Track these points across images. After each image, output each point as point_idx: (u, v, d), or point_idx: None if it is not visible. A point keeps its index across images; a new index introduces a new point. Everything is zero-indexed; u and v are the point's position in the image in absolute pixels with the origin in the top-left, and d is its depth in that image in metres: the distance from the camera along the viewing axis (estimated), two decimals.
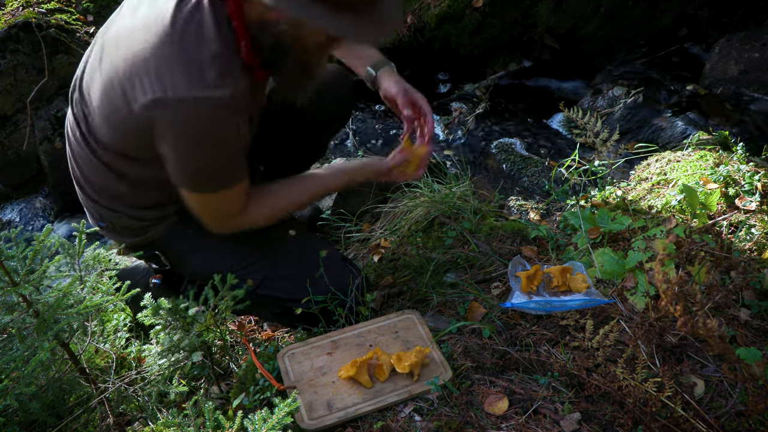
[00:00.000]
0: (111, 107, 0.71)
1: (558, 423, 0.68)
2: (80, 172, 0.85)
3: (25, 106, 1.73)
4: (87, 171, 0.83)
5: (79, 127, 0.79)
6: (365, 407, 0.72)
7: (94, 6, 1.97)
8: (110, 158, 0.77)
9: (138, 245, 0.90)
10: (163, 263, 0.92)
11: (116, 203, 0.84)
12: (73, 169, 0.87)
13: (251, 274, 0.89)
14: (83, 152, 0.80)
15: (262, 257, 0.90)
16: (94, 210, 0.87)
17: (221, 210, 0.80)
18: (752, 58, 1.89)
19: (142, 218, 0.86)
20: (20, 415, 0.70)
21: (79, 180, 0.86)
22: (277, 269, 0.90)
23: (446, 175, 1.33)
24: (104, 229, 0.89)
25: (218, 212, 0.80)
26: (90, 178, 0.84)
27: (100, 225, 0.88)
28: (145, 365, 0.79)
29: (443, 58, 2.17)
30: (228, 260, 0.90)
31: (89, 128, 0.77)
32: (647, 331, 0.73)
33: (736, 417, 0.67)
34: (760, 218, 0.98)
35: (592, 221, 1.05)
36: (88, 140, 0.78)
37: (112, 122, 0.72)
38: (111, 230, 0.89)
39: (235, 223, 0.82)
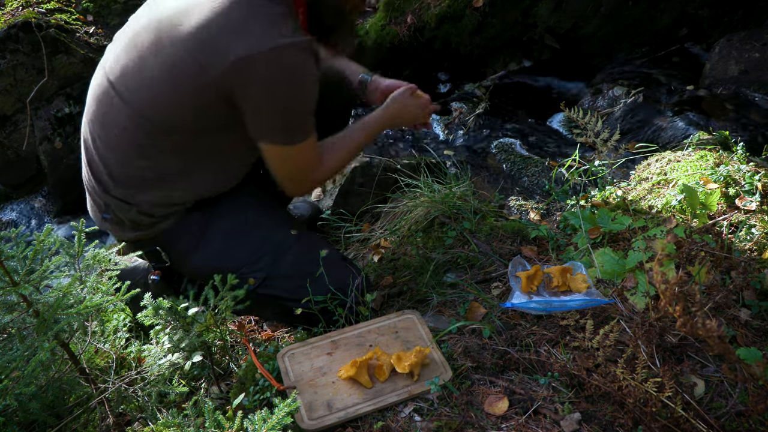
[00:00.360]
0: (178, 83, 0.75)
1: (558, 423, 0.68)
2: (103, 160, 0.84)
3: (25, 106, 1.73)
4: (115, 159, 0.83)
5: (115, 115, 0.80)
6: (365, 407, 0.72)
7: (94, 6, 1.97)
8: (160, 139, 0.79)
9: (140, 240, 0.89)
10: (163, 260, 0.91)
11: (137, 192, 0.84)
12: (91, 159, 0.86)
13: (252, 273, 0.90)
14: (119, 138, 0.81)
15: (264, 256, 0.90)
16: (102, 201, 0.87)
17: (303, 164, 0.85)
18: (752, 58, 1.89)
19: (152, 214, 0.86)
20: (20, 415, 0.70)
21: (98, 169, 0.85)
22: (279, 269, 0.90)
23: (446, 175, 1.33)
24: (107, 221, 0.88)
25: (301, 167, 0.85)
26: (114, 166, 0.84)
27: (105, 217, 0.87)
28: (145, 365, 0.79)
29: (443, 58, 2.17)
30: (230, 259, 0.90)
31: (136, 112, 0.79)
32: (647, 332, 0.73)
33: (736, 417, 0.67)
34: (761, 218, 0.98)
35: (593, 221, 1.05)
36: (130, 125, 0.79)
37: (178, 98, 0.76)
38: (115, 223, 0.88)
39: (314, 177, 0.88)
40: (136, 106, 0.79)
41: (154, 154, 0.82)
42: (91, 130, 0.86)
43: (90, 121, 0.86)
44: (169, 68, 0.75)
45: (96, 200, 0.89)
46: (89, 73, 1.81)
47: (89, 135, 0.87)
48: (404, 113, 0.98)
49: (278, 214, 0.98)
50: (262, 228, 0.92)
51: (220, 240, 0.89)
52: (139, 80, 0.78)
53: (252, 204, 0.93)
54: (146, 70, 0.77)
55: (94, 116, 0.85)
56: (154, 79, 0.77)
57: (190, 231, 0.89)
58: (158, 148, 0.82)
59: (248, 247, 0.90)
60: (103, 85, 0.83)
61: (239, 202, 0.92)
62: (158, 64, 0.76)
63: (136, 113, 0.80)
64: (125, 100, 0.80)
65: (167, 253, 0.91)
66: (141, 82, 0.78)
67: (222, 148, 0.85)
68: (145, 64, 0.78)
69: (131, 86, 0.79)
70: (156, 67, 0.76)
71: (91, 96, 0.86)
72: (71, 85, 1.77)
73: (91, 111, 0.86)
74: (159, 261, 0.92)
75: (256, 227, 0.92)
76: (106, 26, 1.96)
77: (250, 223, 0.92)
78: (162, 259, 0.91)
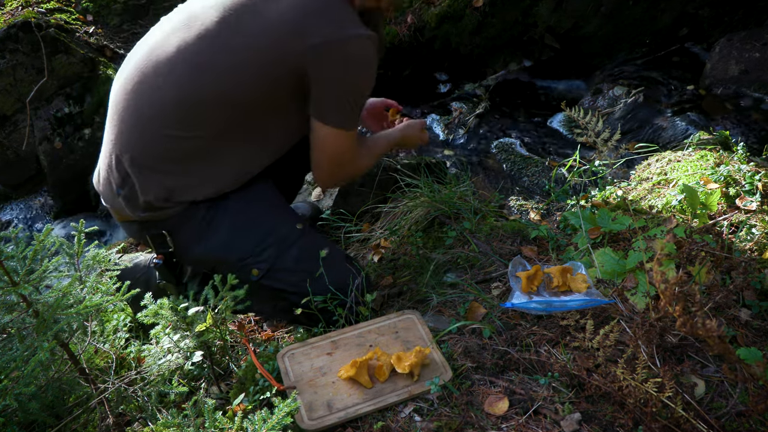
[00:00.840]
0: (255, 56, 0.81)
1: (558, 423, 0.68)
2: (138, 132, 0.85)
3: (25, 106, 1.73)
4: (153, 133, 0.84)
5: (165, 88, 0.83)
6: (365, 407, 0.72)
7: (94, 6, 1.97)
8: (211, 112, 0.83)
9: (147, 221, 0.89)
10: (167, 245, 0.91)
11: (166, 170, 0.85)
12: (124, 129, 0.86)
13: (257, 264, 0.90)
14: (165, 112, 0.83)
15: (269, 248, 0.90)
16: (122, 175, 0.86)
17: (347, 151, 0.91)
18: (753, 58, 1.89)
19: (168, 198, 0.86)
20: (19, 416, 0.70)
21: (127, 144, 0.85)
22: (283, 261, 0.91)
23: (446, 175, 1.33)
24: (120, 197, 0.88)
25: (344, 154, 0.91)
26: (150, 140, 0.84)
27: (119, 192, 0.87)
28: (144, 365, 0.78)
29: (443, 58, 2.17)
30: (235, 248, 0.90)
31: (198, 84, 0.82)
32: (648, 332, 0.73)
33: (736, 417, 0.67)
34: (761, 218, 0.98)
35: (593, 221, 1.05)
36: (186, 98, 0.82)
37: (252, 78, 0.82)
38: (127, 200, 0.88)
39: (351, 169, 0.96)
40: (198, 78, 0.82)
41: (197, 130, 0.83)
42: (128, 99, 0.85)
43: (131, 91, 0.86)
44: (246, 44, 0.81)
45: (113, 173, 0.88)
46: (89, 73, 1.81)
47: (125, 104, 0.86)
48: (409, 142, 1.11)
49: (285, 208, 0.98)
50: (269, 220, 0.93)
51: (226, 229, 0.90)
52: (207, 54, 0.82)
53: (260, 196, 0.94)
54: (215, 45, 0.82)
55: (136, 86, 0.85)
56: (226, 52, 0.81)
57: (198, 217, 0.89)
58: (204, 125, 0.83)
59: (254, 238, 0.90)
60: (152, 59, 0.84)
61: (248, 193, 0.92)
62: (231, 41, 0.81)
63: (198, 85, 0.82)
64: (180, 74, 0.82)
65: (172, 238, 0.91)
66: (210, 56, 0.82)
67: (265, 130, 0.89)
68: (213, 41, 0.82)
69: (194, 60, 0.82)
70: (226, 43, 0.81)
71: (134, 67, 0.86)
72: (71, 85, 1.77)
73: (133, 81, 0.85)
74: (163, 246, 0.92)
75: (263, 219, 0.92)
76: (105, 26, 1.96)
77: (258, 214, 0.92)
78: (167, 244, 0.91)
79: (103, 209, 1.82)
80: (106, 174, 0.90)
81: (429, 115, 2.06)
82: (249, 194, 0.92)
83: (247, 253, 0.90)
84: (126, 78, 0.87)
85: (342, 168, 0.94)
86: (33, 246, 0.67)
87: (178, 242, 0.91)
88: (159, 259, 0.93)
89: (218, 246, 0.90)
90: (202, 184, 0.88)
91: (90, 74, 1.80)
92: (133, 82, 0.86)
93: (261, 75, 0.82)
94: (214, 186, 0.89)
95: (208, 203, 0.90)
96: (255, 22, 0.82)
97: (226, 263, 0.90)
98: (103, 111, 1.87)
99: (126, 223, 0.94)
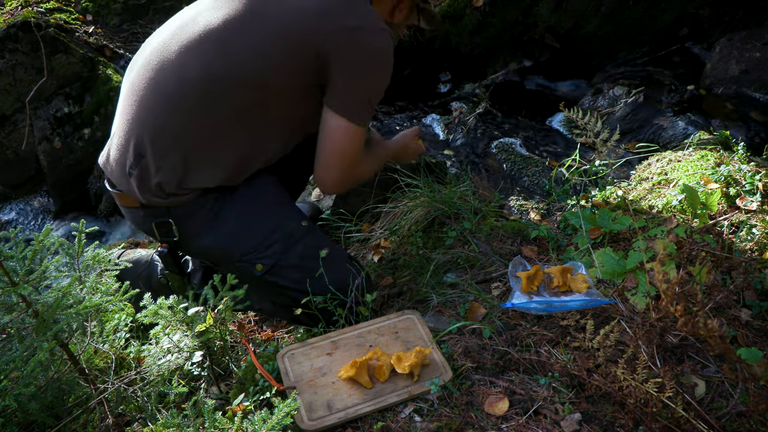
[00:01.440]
0: (279, 47, 0.81)
1: (558, 424, 0.68)
2: (160, 112, 0.84)
3: (24, 106, 1.72)
4: (173, 113, 0.83)
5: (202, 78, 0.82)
6: (365, 408, 0.72)
7: (93, 5, 1.97)
8: (233, 94, 0.82)
9: (154, 206, 0.88)
10: (173, 234, 0.91)
11: (181, 155, 0.84)
12: (139, 113, 0.85)
13: (262, 259, 0.90)
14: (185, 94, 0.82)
15: (275, 243, 0.90)
16: (137, 152, 0.85)
17: (357, 149, 0.90)
18: (753, 58, 1.89)
19: (180, 184, 0.85)
20: (19, 416, 0.70)
21: (147, 122, 0.84)
22: (288, 257, 0.90)
23: (446, 175, 1.33)
24: (131, 177, 0.86)
25: (352, 151, 0.90)
26: (170, 121, 0.83)
27: (130, 171, 0.86)
28: (144, 365, 0.78)
29: (443, 58, 2.17)
30: (241, 242, 0.90)
31: (229, 72, 0.82)
32: (648, 332, 0.73)
33: (737, 417, 0.67)
34: (761, 218, 0.98)
35: (593, 221, 1.05)
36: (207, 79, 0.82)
37: (277, 60, 0.82)
38: (138, 180, 0.86)
39: (358, 171, 0.94)
40: (225, 57, 0.81)
41: (219, 110, 0.83)
42: (150, 78, 0.85)
43: (153, 69, 0.85)
44: (273, 25, 0.81)
45: (129, 153, 0.86)
46: (89, 73, 1.81)
47: (147, 83, 0.85)
48: (404, 155, 1.11)
49: (291, 205, 0.98)
50: (276, 215, 0.92)
51: (233, 222, 0.89)
52: (234, 33, 0.82)
53: (267, 191, 0.94)
54: (243, 26, 0.82)
55: (160, 64, 0.85)
56: (253, 33, 0.81)
57: (206, 208, 0.89)
58: (226, 106, 0.83)
59: (260, 233, 0.90)
60: (176, 38, 0.84)
61: (255, 188, 0.92)
62: (260, 22, 0.82)
63: (225, 63, 0.81)
64: (207, 51, 0.82)
65: (178, 227, 0.90)
66: (237, 35, 0.82)
67: (282, 119, 0.89)
68: (240, 22, 0.82)
69: (221, 37, 0.82)
70: (255, 24, 0.81)
71: (157, 49, 0.86)
72: (70, 84, 1.77)
73: (156, 60, 0.85)
74: (168, 235, 0.91)
75: (270, 214, 0.92)
76: (105, 26, 1.96)
77: (265, 209, 0.92)
78: (172, 233, 0.90)
79: (103, 209, 1.82)
80: (118, 154, 0.88)
81: (429, 115, 2.06)
82: (256, 189, 0.92)
83: (252, 247, 0.89)
84: (147, 58, 0.87)
85: (351, 169, 0.92)
86: (32, 246, 0.67)
87: (183, 232, 0.90)
88: (164, 248, 0.93)
89: (224, 238, 0.89)
90: (215, 169, 0.87)
91: (89, 74, 1.80)
92: (156, 61, 0.85)
93: (286, 57, 0.82)
94: (224, 172, 0.87)
95: (216, 194, 0.89)
96: (286, 4, 0.82)
97: (230, 256, 0.90)
98: (103, 111, 1.87)
99: (132, 209, 0.92)
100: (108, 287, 0.75)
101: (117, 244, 1.42)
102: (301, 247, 0.91)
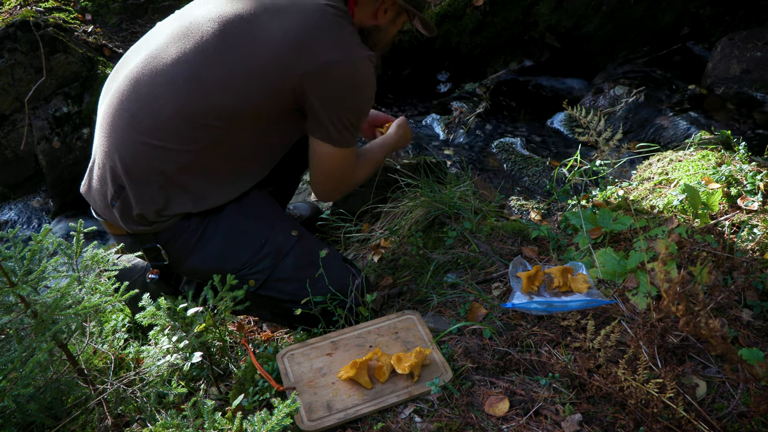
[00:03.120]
0: (258, 71, 0.81)
1: (559, 424, 0.68)
2: (139, 143, 0.82)
3: (23, 106, 1.72)
4: (147, 146, 0.82)
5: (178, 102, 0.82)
6: (365, 408, 0.72)
7: (93, 5, 1.96)
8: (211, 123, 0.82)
9: (139, 234, 0.88)
10: (162, 258, 0.91)
11: (166, 180, 0.83)
12: (114, 145, 0.84)
13: (253, 275, 0.90)
14: (166, 123, 0.82)
15: (265, 258, 0.90)
16: (117, 185, 0.84)
17: (345, 168, 0.92)
18: (754, 57, 1.88)
19: (161, 212, 0.85)
20: (18, 417, 0.69)
21: (121, 154, 0.83)
22: (280, 271, 0.90)
23: (447, 175, 1.32)
24: (114, 209, 0.86)
25: (342, 170, 0.92)
26: (145, 153, 0.82)
27: (113, 204, 0.86)
28: (143, 366, 0.78)
29: (444, 57, 2.16)
30: (230, 259, 0.89)
31: (195, 95, 0.81)
32: (649, 332, 0.73)
33: (738, 418, 0.67)
34: (763, 218, 0.98)
35: (594, 221, 1.04)
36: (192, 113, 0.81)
37: (252, 94, 0.82)
38: (120, 211, 0.86)
39: (347, 183, 0.97)
40: (198, 91, 0.81)
41: (193, 143, 0.82)
42: (123, 110, 0.84)
43: (126, 100, 0.84)
44: (248, 59, 0.81)
45: (108, 185, 0.86)
46: (88, 73, 1.80)
47: (120, 114, 0.84)
48: (404, 139, 1.12)
49: (280, 215, 0.98)
50: (264, 230, 0.92)
51: (220, 240, 0.89)
52: (207, 67, 0.81)
53: (254, 205, 0.93)
54: (216, 59, 0.82)
55: (132, 95, 0.83)
56: (227, 66, 0.81)
57: (190, 230, 0.88)
58: (200, 138, 0.82)
59: (249, 249, 0.90)
60: (148, 67, 0.83)
61: (241, 204, 0.92)
62: (232, 54, 0.81)
63: (198, 97, 0.81)
64: (180, 85, 0.81)
65: (167, 251, 0.90)
66: (210, 69, 0.81)
67: (261, 146, 0.89)
68: (213, 55, 0.82)
69: (194, 72, 0.82)
70: (227, 56, 0.81)
71: (129, 77, 0.85)
72: (69, 84, 1.77)
73: (129, 90, 0.84)
74: (158, 259, 0.92)
75: (258, 229, 0.91)
76: (104, 25, 1.96)
77: (252, 224, 0.91)
78: (161, 257, 0.91)
79: None
80: (98, 186, 0.88)
81: (429, 115, 2.05)
82: (242, 205, 0.91)
83: (241, 264, 0.89)
84: (120, 88, 0.85)
85: (340, 183, 0.95)
86: (31, 246, 0.66)
87: (172, 255, 0.91)
88: (155, 274, 0.93)
89: (213, 257, 0.89)
90: (196, 197, 0.86)
91: (89, 73, 1.79)
92: (129, 92, 0.84)
93: (261, 90, 0.81)
94: (208, 200, 0.87)
95: (201, 215, 0.89)
96: (258, 37, 0.81)
97: (221, 274, 0.88)
98: None
99: (119, 236, 0.93)
100: (107, 288, 0.75)
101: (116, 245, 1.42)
102: (292, 259, 0.91)
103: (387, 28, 0.96)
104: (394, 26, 0.98)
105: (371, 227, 1.27)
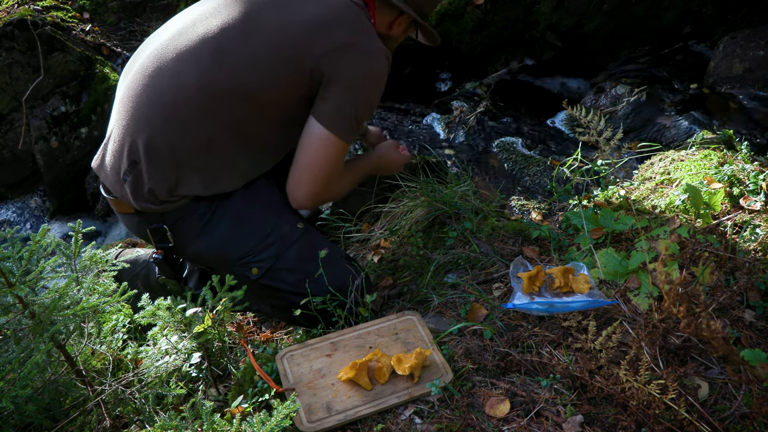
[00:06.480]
0: (275, 60, 0.82)
1: (560, 426, 0.67)
2: (155, 120, 0.83)
3: (21, 105, 1.71)
4: (167, 121, 0.82)
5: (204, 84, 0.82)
6: (365, 410, 0.72)
7: (90, 3, 1.95)
8: (231, 105, 0.82)
9: (147, 213, 0.88)
10: (168, 240, 0.91)
11: (181, 158, 0.83)
12: (134, 120, 0.84)
13: (257, 263, 0.89)
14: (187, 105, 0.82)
15: (270, 246, 0.90)
16: (131, 160, 0.84)
17: (336, 166, 0.89)
18: (757, 56, 1.87)
19: (172, 191, 0.85)
20: (16, 418, 0.69)
21: (142, 129, 0.83)
22: (284, 261, 0.90)
23: (447, 175, 1.32)
24: (125, 183, 0.86)
25: (332, 167, 0.89)
26: (164, 129, 0.83)
27: (124, 179, 0.85)
28: (142, 367, 0.78)
29: (444, 56, 2.16)
30: (235, 246, 0.89)
31: (227, 75, 0.82)
32: (651, 333, 0.73)
33: (740, 419, 0.67)
34: (765, 218, 0.97)
35: (595, 221, 1.04)
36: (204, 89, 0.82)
37: (273, 73, 0.82)
38: (132, 187, 0.85)
39: (332, 188, 0.93)
40: (222, 68, 0.81)
41: (213, 122, 0.83)
42: (146, 85, 0.84)
43: (149, 76, 0.84)
44: (271, 38, 0.82)
45: (123, 159, 0.85)
46: (86, 72, 1.80)
47: (143, 89, 0.84)
48: (387, 166, 1.09)
49: (287, 207, 0.97)
50: (271, 218, 0.92)
51: (226, 226, 0.89)
52: (231, 44, 0.82)
53: (262, 194, 0.93)
54: (240, 38, 0.82)
55: (156, 71, 0.84)
56: (251, 45, 0.82)
57: (199, 213, 0.88)
58: (220, 117, 0.83)
59: (255, 236, 0.90)
60: (173, 44, 0.84)
61: (250, 191, 0.92)
62: (257, 36, 0.82)
63: (222, 74, 0.81)
64: (204, 61, 0.82)
65: (173, 233, 0.90)
66: (234, 47, 0.82)
67: (275, 132, 0.89)
68: (238, 33, 0.82)
69: (219, 47, 0.82)
70: (252, 37, 0.82)
71: (153, 55, 0.85)
72: (67, 83, 1.76)
73: (152, 66, 0.84)
74: (163, 241, 0.91)
75: (265, 217, 0.91)
76: (102, 24, 1.95)
77: (259, 212, 0.91)
78: (167, 239, 0.90)
79: (100, 209, 1.81)
80: (112, 160, 0.87)
81: (429, 114, 2.05)
82: (251, 192, 0.92)
83: (246, 251, 0.89)
84: (144, 64, 0.86)
85: (326, 184, 0.90)
86: (29, 246, 0.66)
87: (178, 237, 0.90)
88: (158, 254, 0.92)
89: (218, 243, 0.89)
90: (207, 180, 0.86)
91: (87, 72, 1.79)
92: (153, 68, 0.84)
93: (282, 70, 0.82)
94: (218, 184, 0.87)
95: (210, 199, 0.89)
96: (283, 22, 0.83)
97: (225, 260, 0.89)
98: (100, 110, 1.86)
99: (126, 215, 0.92)
100: (105, 288, 0.74)
101: (114, 244, 1.41)
102: (296, 250, 0.91)
103: (397, 38, 1.00)
104: (402, 36, 1.01)
105: (371, 227, 1.27)
